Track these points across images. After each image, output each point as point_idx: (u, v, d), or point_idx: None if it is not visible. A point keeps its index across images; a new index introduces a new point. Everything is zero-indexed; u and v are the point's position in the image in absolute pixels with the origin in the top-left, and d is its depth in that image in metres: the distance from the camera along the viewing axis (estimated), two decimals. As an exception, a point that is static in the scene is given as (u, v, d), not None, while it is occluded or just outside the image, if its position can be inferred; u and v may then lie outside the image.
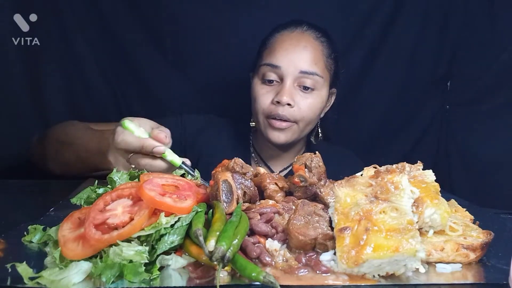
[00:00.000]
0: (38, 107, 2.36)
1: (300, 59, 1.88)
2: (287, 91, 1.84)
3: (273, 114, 1.86)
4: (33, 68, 2.32)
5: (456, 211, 1.15)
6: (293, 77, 1.87)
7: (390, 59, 2.60)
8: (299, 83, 1.88)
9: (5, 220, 1.27)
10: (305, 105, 1.88)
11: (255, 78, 1.97)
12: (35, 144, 1.98)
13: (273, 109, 1.87)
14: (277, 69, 1.87)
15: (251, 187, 1.20)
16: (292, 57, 1.88)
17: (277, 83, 1.90)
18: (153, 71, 2.47)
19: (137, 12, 2.42)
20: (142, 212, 0.97)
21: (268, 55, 1.93)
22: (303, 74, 1.87)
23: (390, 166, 1.08)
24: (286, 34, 1.96)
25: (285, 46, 1.91)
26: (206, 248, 0.87)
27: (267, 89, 1.91)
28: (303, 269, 0.93)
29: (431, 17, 2.58)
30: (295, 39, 1.92)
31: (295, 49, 1.89)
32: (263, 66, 1.92)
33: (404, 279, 0.88)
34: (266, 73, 1.90)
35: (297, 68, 1.86)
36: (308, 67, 1.87)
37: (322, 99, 1.96)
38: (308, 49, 1.90)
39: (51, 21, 2.32)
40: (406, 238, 0.86)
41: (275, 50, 1.91)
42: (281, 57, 1.88)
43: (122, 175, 1.22)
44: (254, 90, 1.96)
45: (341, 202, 1.00)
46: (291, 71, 1.86)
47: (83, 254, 0.92)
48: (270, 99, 1.89)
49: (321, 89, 1.93)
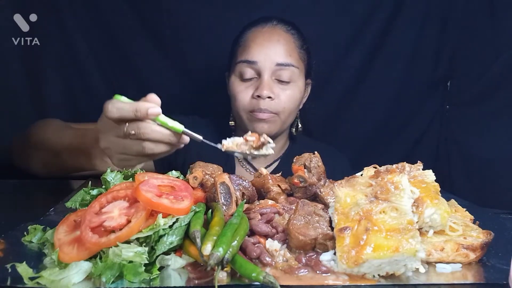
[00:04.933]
0: (38, 107, 2.36)
1: (274, 53, 1.92)
2: (267, 85, 1.88)
3: (255, 108, 1.89)
4: (33, 68, 2.32)
5: (456, 211, 1.15)
6: (270, 71, 1.90)
7: (390, 59, 2.59)
8: (277, 76, 1.92)
9: (5, 220, 1.27)
10: (285, 96, 1.92)
11: (232, 77, 1.99)
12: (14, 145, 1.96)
13: (255, 103, 1.90)
14: (254, 65, 1.91)
15: (249, 188, 1.20)
16: (266, 51, 1.92)
17: (255, 78, 1.93)
18: (153, 71, 2.47)
19: (137, 12, 2.42)
20: (139, 214, 0.97)
21: (243, 52, 1.96)
22: (279, 66, 1.91)
23: (390, 166, 1.08)
24: (257, 30, 1.99)
25: (258, 42, 1.94)
26: (202, 253, 0.87)
27: (246, 85, 1.94)
28: (303, 269, 0.93)
29: (431, 17, 2.58)
30: (267, 34, 1.96)
31: (268, 43, 1.93)
32: (239, 64, 1.95)
33: (404, 279, 0.88)
34: (243, 70, 1.93)
35: (273, 61, 1.90)
36: (283, 59, 1.92)
37: (300, 89, 2.00)
38: (281, 42, 1.94)
39: (51, 21, 2.32)
40: (406, 238, 0.86)
41: (249, 47, 1.94)
42: (256, 53, 1.92)
43: (116, 175, 1.21)
44: (232, 88, 1.98)
45: (341, 202, 1.00)
46: (268, 65, 1.90)
47: (78, 257, 0.92)
48: (250, 94, 1.92)
49: (298, 80, 1.98)
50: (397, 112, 2.67)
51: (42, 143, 1.76)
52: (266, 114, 1.90)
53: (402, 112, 2.68)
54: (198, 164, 1.32)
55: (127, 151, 1.30)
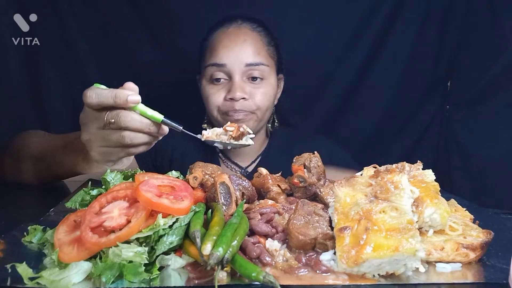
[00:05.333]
0: (38, 107, 2.36)
1: (243, 53, 1.91)
2: (238, 87, 1.88)
3: (230, 110, 1.89)
4: (33, 68, 2.32)
5: (456, 210, 1.15)
6: (241, 72, 1.90)
7: (390, 59, 2.59)
8: (247, 76, 1.92)
9: (5, 220, 1.27)
10: (259, 95, 1.93)
11: (203, 80, 1.99)
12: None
13: (229, 105, 1.90)
14: (223, 67, 1.90)
15: (249, 188, 1.20)
16: (234, 52, 1.91)
17: (226, 80, 1.93)
18: (153, 71, 2.47)
19: (137, 12, 2.42)
20: (139, 214, 0.97)
21: (211, 55, 1.95)
22: (249, 67, 1.91)
23: (390, 166, 1.08)
24: (223, 31, 1.99)
25: (225, 43, 1.94)
26: (202, 253, 0.87)
27: (217, 88, 1.93)
28: (303, 269, 0.93)
29: (431, 17, 2.58)
30: (233, 35, 1.96)
31: (235, 44, 1.93)
32: (209, 67, 1.94)
33: (404, 279, 0.88)
34: (213, 73, 1.93)
35: (242, 62, 1.90)
36: (252, 59, 1.92)
37: (273, 86, 2.00)
38: (248, 42, 1.94)
39: (51, 21, 2.32)
40: (406, 237, 0.86)
41: (217, 49, 1.94)
42: (224, 55, 1.91)
43: (116, 176, 1.21)
44: (204, 91, 1.98)
45: (341, 202, 1.00)
46: (237, 67, 1.90)
47: (78, 257, 0.92)
48: (222, 96, 1.92)
49: (269, 77, 1.98)
50: (397, 112, 2.67)
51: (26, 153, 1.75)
52: (241, 113, 1.90)
53: (402, 112, 2.68)
54: (198, 164, 1.32)
55: (107, 143, 1.30)
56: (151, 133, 1.30)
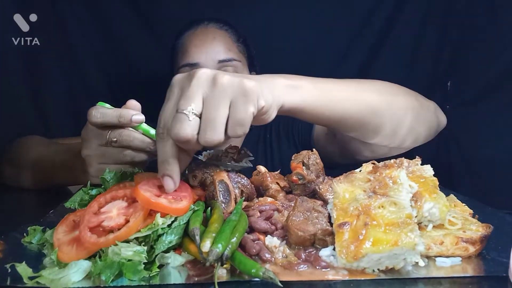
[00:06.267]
0: (38, 107, 2.37)
1: (214, 51, 1.94)
2: None
3: None
4: (33, 68, 2.33)
5: (455, 205, 1.15)
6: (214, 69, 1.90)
7: (390, 59, 2.60)
8: None
9: (5, 221, 1.27)
10: None
11: None
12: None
13: None
14: (196, 67, 1.90)
15: (248, 185, 1.20)
16: (206, 50, 1.94)
17: None
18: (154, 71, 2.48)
19: (137, 12, 2.43)
20: (137, 214, 0.97)
21: (183, 57, 1.98)
22: (222, 63, 1.93)
23: (388, 161, 1.08)
24: (191, 33, 2.02)
25: (195, 43, 1.96)
26: (201, 250, 0.87)
27: None
28: (302, 265, 0.92)
29: (432, 17, 2.59)
30: (202, 34, 1.99)
31: (205, 43, 1.95)
32: (182, 68, 1.96)
33: (404, 273, 0.88)
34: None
35: (214, 59, 1.93)
36: (224, 55, 1.94)
37: None
38: (217, 39, 1.97)
39: (51, 21, 2.33)
40: (405, 232, 0.86)
41: (188, 50, 1.97)
42: (196, 54, 1.94)
43: (114, 175, 1.21)
44: None
45: (339, 198, 1.00)
46: (210, 64, 1.92)
47: (77, 257, 0.92)
48: None
49: (243, 72, 2.00)
50: (397, 112, 2.66)
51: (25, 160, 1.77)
52: None
53: (402, 112, 2.67)
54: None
55: (107, 160, 1.33)
56: (152, 152, 1.33)
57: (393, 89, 1.63)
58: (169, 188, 1.02)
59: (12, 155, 1.85)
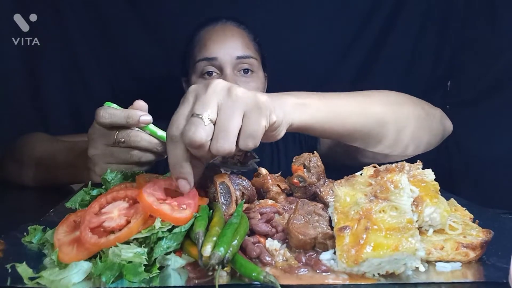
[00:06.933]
0: (38, 107, 2.37)
1: (232, 47, 1.96)
2: (230, 79, 1.89)
3: None
4: (33, 68, 2.32)
5: (455, 210, 1.14)
6: (232, 65, 1.94)
7: (389, 59, 2.60)
8: (238, 69, 1.96)
9: (5, 220, 1.27)
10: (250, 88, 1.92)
11: (193, 76, 2.01)
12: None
13: None
14: (215, 61, 1.93)
15: (249, 187, 1.20)
16: (224, 46, 1.95)
17: (217, 74, 1.96)
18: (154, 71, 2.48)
19: (137, 12, 2.43)
20: (138, 215, 0.96)
21: (201, 51, 1.98)
22: (240, 59, 1.95)
23: (390, 165, 1.08)
24: (210, 29, 2.03)
25: (214, 39, 1.98)
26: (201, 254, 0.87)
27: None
28: (303, 268, 0.92)
29: (431, 17, 2.58)
30: (221, 31, 2.01)
31: (224, 39, 1.97)
32: (199, 62, 1.97)
33: (404, 278, 0.88)
34: (204, 68, 1.96)
35: (233, 55, 1.94)
36: (242, 52, 1.96)
37: (262, 81, 2.05)
38: (235, 37, 1.99)
39: (51, 21, 2.33)
40: (406, 236, 0.86)
41: (206, 45, 1.97)
42: (214, 49, 1.95)
43: (116, 176, 1.21)
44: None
45: (340, 201, 1.00)
46: (228, 59, 1.93)
47: (77, 257, 0.92)
48: None
49: (258, 71, 2.03)
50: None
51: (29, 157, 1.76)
52: None
53: (402, 112, 2.67)
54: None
55: (113, 160, 1.33)
56: (158, 152, 1.34)
57: (399, 99, 1.66)
58: (185, 189, 1.02)
59: (16, 151, 1.85)
